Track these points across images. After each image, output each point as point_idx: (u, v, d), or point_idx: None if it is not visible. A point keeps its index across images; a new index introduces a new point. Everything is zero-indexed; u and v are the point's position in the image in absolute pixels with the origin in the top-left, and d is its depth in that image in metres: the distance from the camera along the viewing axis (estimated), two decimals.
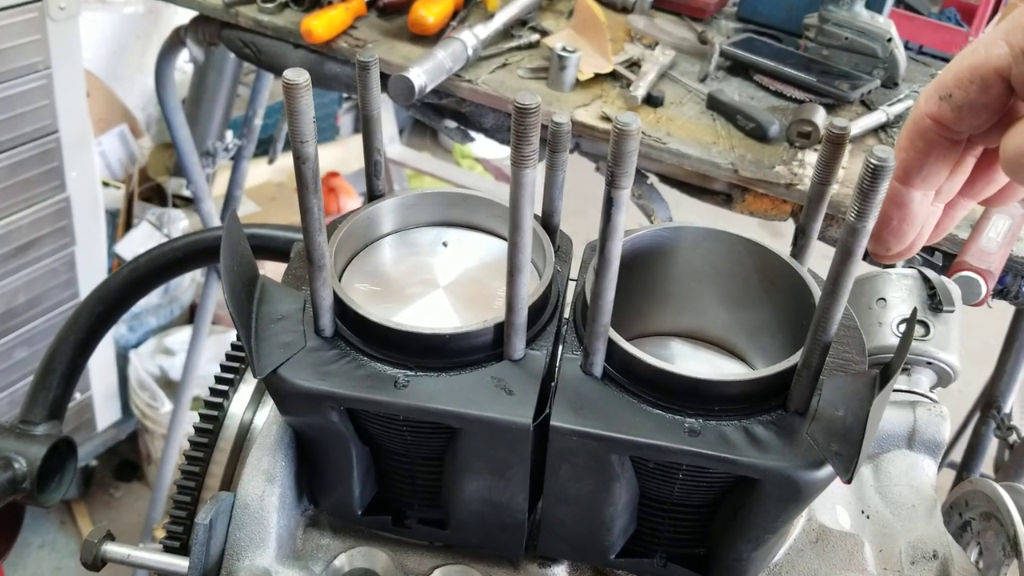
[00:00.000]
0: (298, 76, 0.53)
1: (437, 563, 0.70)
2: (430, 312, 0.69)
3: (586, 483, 0.63)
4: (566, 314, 0.69)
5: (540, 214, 0.72)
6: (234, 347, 0.79)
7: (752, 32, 1.87)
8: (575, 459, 0.61)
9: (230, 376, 0.75)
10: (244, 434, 0.74)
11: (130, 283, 0.97)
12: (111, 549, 0.66)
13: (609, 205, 0.55)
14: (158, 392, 2.53)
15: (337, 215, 0.81)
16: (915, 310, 0.60)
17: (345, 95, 3.61)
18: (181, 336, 2.67)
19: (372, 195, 0.74)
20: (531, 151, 0.54)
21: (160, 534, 2.36)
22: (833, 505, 0.78)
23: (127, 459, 2.76)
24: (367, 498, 0.70)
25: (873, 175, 0.50)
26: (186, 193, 2.89)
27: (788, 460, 0.58)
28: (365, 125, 0.70)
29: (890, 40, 1.70)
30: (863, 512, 0.81)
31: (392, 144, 3.48)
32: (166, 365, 2.62)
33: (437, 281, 0.71)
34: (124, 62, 3.12)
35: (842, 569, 0.71)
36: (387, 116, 3.44)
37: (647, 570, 0.69)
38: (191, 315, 2.81)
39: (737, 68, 1.76)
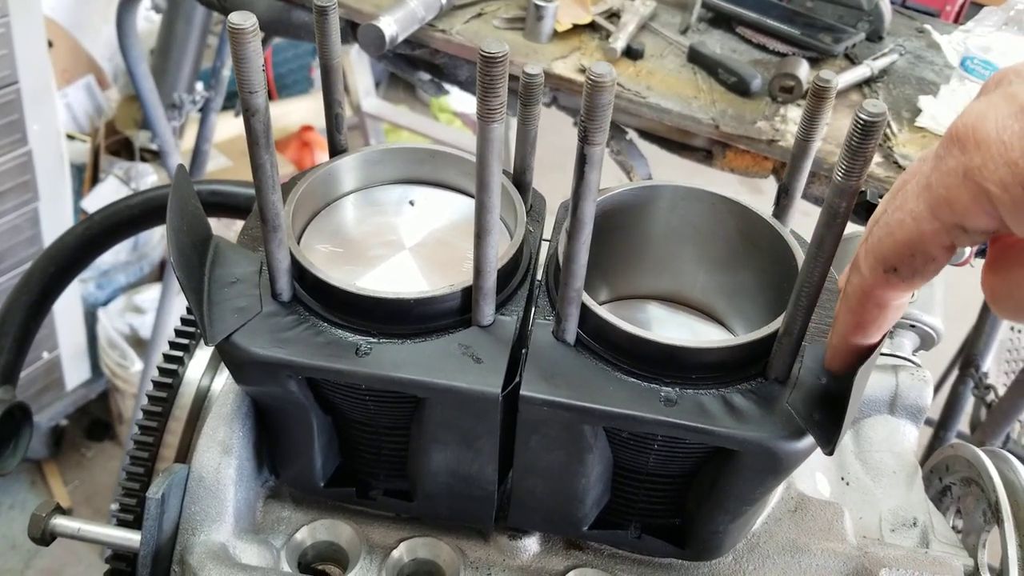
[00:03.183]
0: (245, 20, 0.48)
1: (403, 536, 0.68)
2: (395, 275, 0.66)
3: (558, 454, 0.60)
4: (539, 276, 0.66)
5: (512, 171, 0.69)
6: (190, 310, 0.75)
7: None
8: (546, 430, 0.58)
9: (185, 341, 0.72)
10: (201, 402, 0.71)
11: (84, 242, 0.93)
12: (61, 523, 0.63)
13: (582, 162, 0.51)
14: (128, 351, 2.48)
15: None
16: None
17: None
18: (151, 294, 2.62)
19: (334, 150, 0.70)
20: (499, 103, 0.50)
21: None
22: (812, 472, 0.76)
23: (98, 418, 2.71)
24: (330, 469, 0.67)
25: (864, 132, 0.46)
26: (154, 147, 2.81)
27: (767, 431, 0.55)
28: (325, 75, 0.66)
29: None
30: (843, 479, 0.79)
31: (368, 97, 3.40)
32: (136, 323, 2.57)
33: (403, 242, 0.68)
34: (89, 10, 3.01)
35: (821, 539, 0.69)
36: (363, 69, 3.36)
37: (621, 541, 0.66)
38: (161, 272, 2.76)
39: (719, 20, 1.71)
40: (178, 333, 0.73)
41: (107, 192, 2.57)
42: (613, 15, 1.66)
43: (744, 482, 0.59)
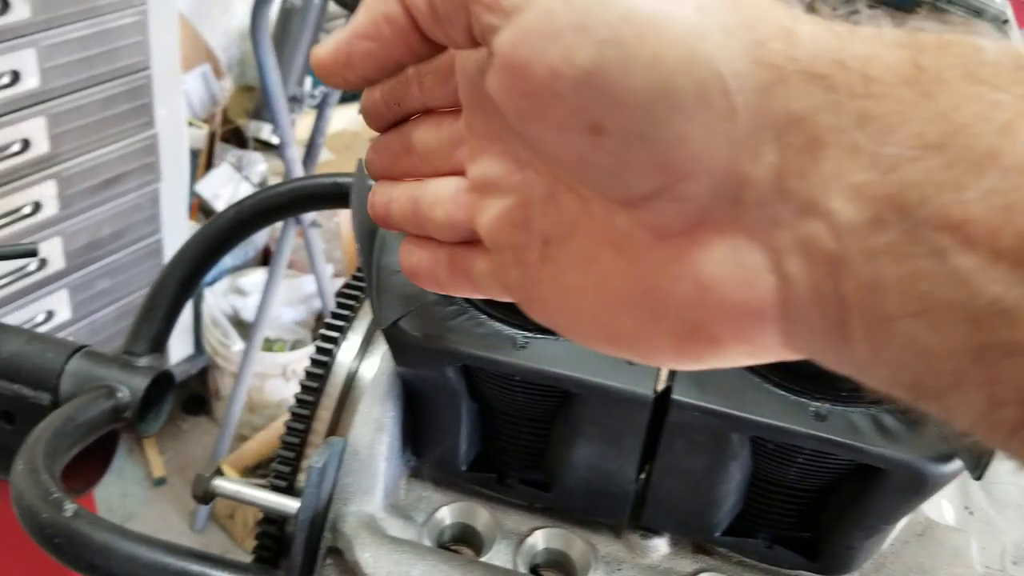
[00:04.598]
0: None
1: (537, 525, 0.70)
2: None
3: (701, 459, 0.62)
4: None
5: None
6: (342, 295, 0.79)
7: (865, 4, 1.80)
8: (693, 434, 0.60)
9: (340, 324, 0.76)
10: (350, 383, 0.75)
11: (235, 225, 0.98)
12: (222, 484, 0.67)
13: None
14: (230, 330, 2.57)
15: None
16: None
17: None
18: (253, 278, 2.71)
19: None
20: None
21: (227, 469, 2.42)
22: (939, 499, 0.76)
23: (195, 393, 2.82)
24: (471, 455, 0.70)
25: None
26: (264, 137, 2.91)
27: (917, 451, 0.56)
28: None
29: (1006, 22, 1.63)
30: (966, 508, 0.79)
31: None
32: (238, 305, 2.67)
33: None
34: (210, 1, 3.13)
35: (948, 564, 0.69)
36: None
37: (752, 550, 0.68)
38: (263, 258, 2.85)
39: None
40: (334, 316, 0.77)
41: (220, 177, 2.68)
42: None
43: (886, 501, 0.60)
